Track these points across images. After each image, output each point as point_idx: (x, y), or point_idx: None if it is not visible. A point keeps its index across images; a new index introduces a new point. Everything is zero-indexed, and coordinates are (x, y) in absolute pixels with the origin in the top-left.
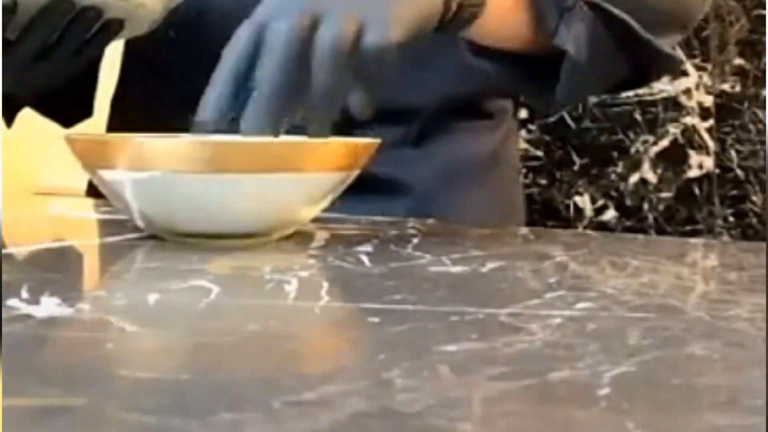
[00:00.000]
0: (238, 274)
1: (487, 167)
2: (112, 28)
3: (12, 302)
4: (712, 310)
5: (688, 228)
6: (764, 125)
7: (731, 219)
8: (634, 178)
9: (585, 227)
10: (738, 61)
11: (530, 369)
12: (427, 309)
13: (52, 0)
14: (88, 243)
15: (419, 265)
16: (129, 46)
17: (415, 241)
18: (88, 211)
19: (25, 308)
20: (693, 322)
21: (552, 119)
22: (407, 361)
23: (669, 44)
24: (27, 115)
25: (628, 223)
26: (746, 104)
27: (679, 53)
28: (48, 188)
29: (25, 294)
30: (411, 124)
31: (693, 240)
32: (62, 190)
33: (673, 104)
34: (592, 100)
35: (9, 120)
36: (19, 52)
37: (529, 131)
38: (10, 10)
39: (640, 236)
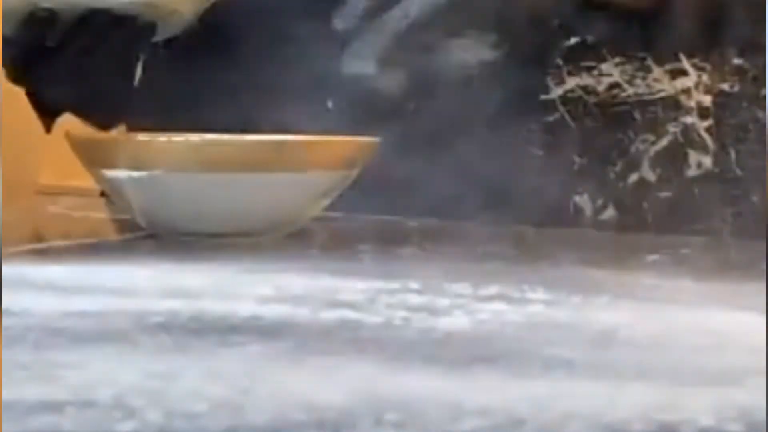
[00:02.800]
0: None
1: None
2: (145, 34)
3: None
4: None
5: (688, 227)
6: (764, 124)
7: (730, 219)
8: (633, 178)
9: (585, 227)
10: (737, 60)
11: None
12: None
13: (90, 10)
14: (88, 242)
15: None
16: None
17: (416, 240)
18: (89, 210)
19: None
20: None
21: (551, 119)
22: None
23: None
24: (28, 112)
25: (627, 223)
26: (746, 104)
27: None
28: (49, 187)
29: None
30: None
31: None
32: (64, 188)
33: (673, 104)
34: (591, 100)
35: (48, 126)
36: (60, 59)
37: (529, 131)
38: (49, 21)
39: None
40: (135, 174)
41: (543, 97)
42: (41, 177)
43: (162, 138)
